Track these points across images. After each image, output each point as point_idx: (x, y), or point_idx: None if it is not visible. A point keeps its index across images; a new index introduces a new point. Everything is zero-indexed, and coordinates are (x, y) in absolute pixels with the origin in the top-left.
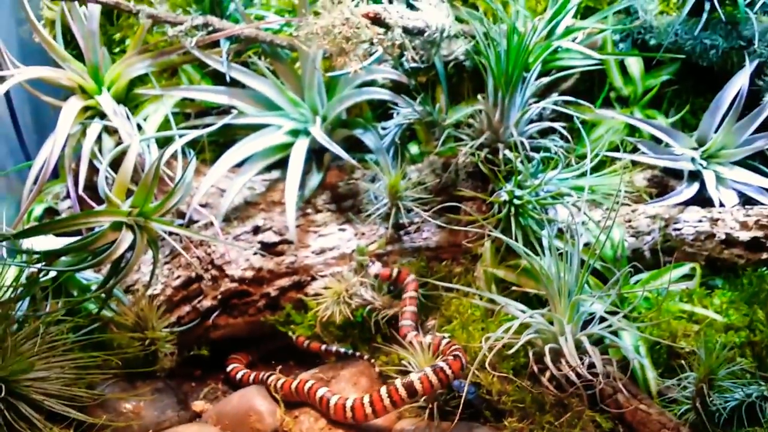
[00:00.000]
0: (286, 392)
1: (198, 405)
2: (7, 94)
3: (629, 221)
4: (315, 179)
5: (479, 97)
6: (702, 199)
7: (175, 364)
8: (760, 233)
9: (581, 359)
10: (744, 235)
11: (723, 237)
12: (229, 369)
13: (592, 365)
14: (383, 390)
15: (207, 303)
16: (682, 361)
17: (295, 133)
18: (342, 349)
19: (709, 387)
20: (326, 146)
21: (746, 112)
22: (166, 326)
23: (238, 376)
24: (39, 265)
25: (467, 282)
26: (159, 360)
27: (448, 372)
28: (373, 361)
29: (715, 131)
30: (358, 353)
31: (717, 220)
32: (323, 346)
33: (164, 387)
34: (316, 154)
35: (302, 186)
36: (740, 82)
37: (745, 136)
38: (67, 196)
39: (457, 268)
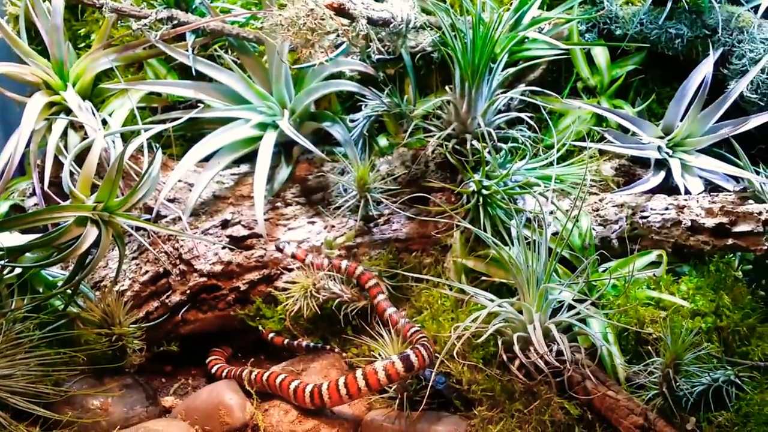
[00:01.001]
0: (272, 387)
1: (168, 400)
2: None
3: (597, 210)
4: (284, 172)
5: (447, 88)
6: (668, 187)
7: (145, 360)
8: (725, 219)
9: (550, 347)
10: (709, 222)
11: (689, 224)
12: (214, 370)
13: (560, 353)
14: (378, 364)
15: (176, 298)
16: (650, 348)
17: (263, 126)
18: (304, 343)
19: (675, 372)
20: (295, 139)
21: (712, 100)
22: (134, 322)
23: (224, 374)
24: (3, 262)
25: (437, 273)
26: (127, 356)
27: (431, 349)
28: (337, 350)
29: (681, 120)
30: (320, 344)
31: (683, 207)
32: (285, 341)
33: (133, 383)
34: (285, 148)
35: (271, 179)
36: (705, 70)
37: (710, 124)
38: (33, 192)
39: (427, 259)
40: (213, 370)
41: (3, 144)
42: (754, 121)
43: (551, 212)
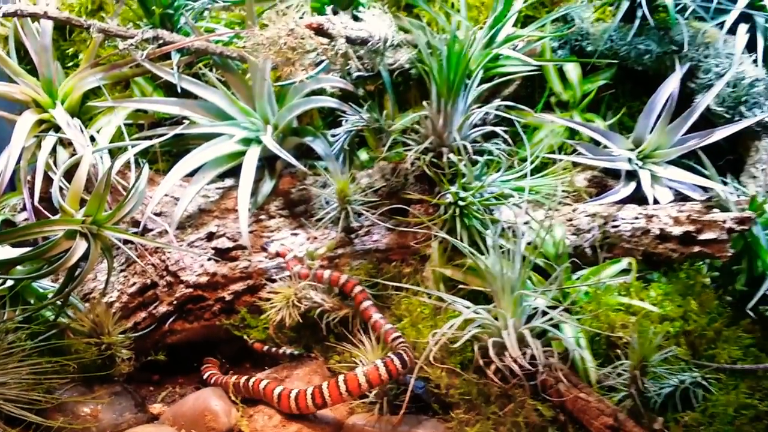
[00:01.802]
0: (268, 397)
1: (156, 407)
2: None
3: (570, 220)
4: (267, 186)
5: (424, 103)
6: (639, 197)
7: (133, 369)
8: (691, 228)
9: (524, 352)
10: (677, 230)
11: (657, 232)
12: (213, 381)
13: (535, 357)
14: (378, 362)
15: (163, 309)
16: (619, 351)
17: (246, 141)
18: (281, 350)
19: (643, 374)
20: (278, 154)
21: (681, 113)
22: (123, 332)
23: (221, 382)
24: None
25: (416, 281)
26: (116, 365)
27: (411, 355)
28: (314, 355)
29: (650, 132)
30: (297, 353)
31: (652, 216)
32: (265, 347)
33: (122, 391)
34: (269, 162)
35: (255, 193)
36: (672, 85)
37: (678, 137)
38: (24, 208)
39: (407, 268)
40: (212, 381)
41: None
42: (720, 133)
43: (526, 222)
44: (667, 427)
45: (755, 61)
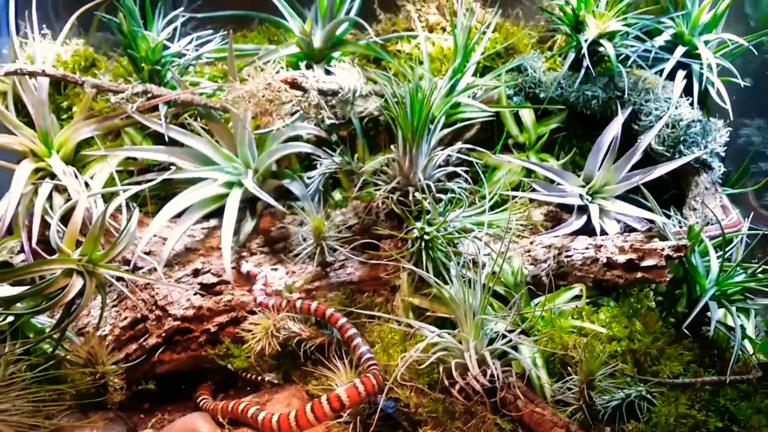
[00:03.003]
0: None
1: None
2: None
3: (529, 251)
4: (249, 225)
5: (391, 147)
6: (590, 229)
7: (125, 397)
8: (634, 256)
9: (485, 372)
10: (621, 258)
11: (605, 261)
12: (201, 405)
13: (495, 376)
14: (357, 381)
15: (152, 341)
16: (570, 369)
17: (229, 185)
18: (259, 377)
19: (590, 388)
20: (258, 195)
21: (626, 152)
22: (115, 363)
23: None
24: None
25: (387, 310)
26: (109, 393)
27: (381, 377)
28: (268, 379)
29: (599, 170)
30: (275, 380)
31: (600, 246)
32: (239, 372)
33: (115, 417)
34: (250, 203)
35: (237, 232)
36: (616, 127)
37: (624, 173)
38: (22, 250)
39: (378, 298)
40: (201, 405)
41: None
42: (660, 170)
43: (487, 254)
44: None
45: (692, 104)
